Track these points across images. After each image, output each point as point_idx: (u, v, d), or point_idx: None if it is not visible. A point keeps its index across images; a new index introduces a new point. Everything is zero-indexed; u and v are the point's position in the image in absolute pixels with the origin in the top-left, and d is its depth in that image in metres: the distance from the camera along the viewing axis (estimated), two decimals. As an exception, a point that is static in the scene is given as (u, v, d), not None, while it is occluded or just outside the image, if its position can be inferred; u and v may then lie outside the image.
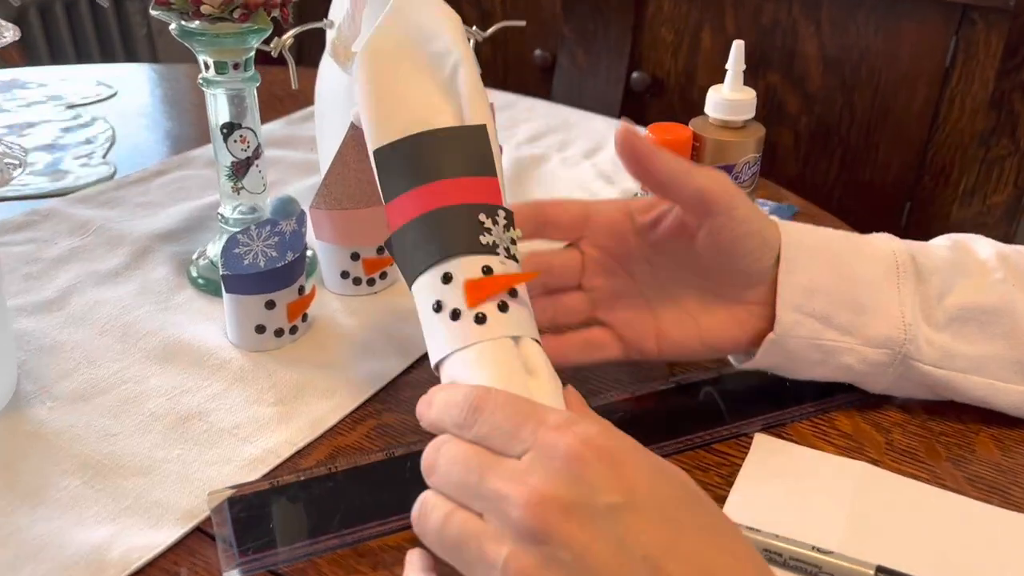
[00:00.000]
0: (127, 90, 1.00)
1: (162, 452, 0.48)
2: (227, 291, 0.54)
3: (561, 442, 0.33)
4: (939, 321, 0.48)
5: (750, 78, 1.58)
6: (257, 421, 0.50)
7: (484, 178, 0.43)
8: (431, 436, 0.48)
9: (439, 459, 0.36)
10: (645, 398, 0.52)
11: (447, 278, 0.41)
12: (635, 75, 1.65)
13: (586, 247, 0.50)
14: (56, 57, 1.78)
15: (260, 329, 0.55)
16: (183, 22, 0.54)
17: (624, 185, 0.80)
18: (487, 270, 0.41)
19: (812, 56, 1.47)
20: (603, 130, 0.93)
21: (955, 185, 1.42)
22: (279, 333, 0.56)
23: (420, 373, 0.55)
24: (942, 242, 0.52)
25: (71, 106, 0.94)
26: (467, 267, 0.41)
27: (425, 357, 0.56)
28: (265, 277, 0.53)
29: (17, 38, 0.44)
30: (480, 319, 0.40)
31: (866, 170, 1.50)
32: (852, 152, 1.50)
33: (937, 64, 1.38)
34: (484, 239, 0.41)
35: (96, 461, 0.47)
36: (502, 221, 0.42)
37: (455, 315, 0.40)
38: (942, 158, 1.42)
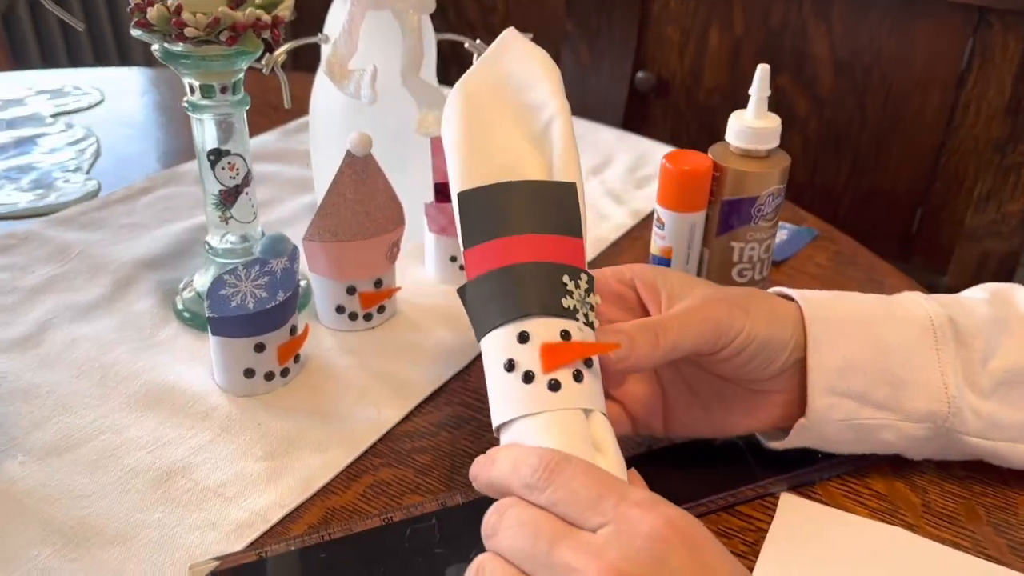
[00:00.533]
0: (115, 96, 0.96)
1: (141, 515, 0.44)
2: (213, 334, 0.50)
3: (645, 520, 0.31)
4: (984, 388, 0.44)
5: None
6: (244, 478, 0.47)
7: (570, 238, 0.41)
8: (432, 499, 0.45)
9: (503, 522, 0.33)
10: (660, 454, 0.49)
11: (523, 337, 0.38)
12: (640, 74, 1.61)
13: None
14: (47, 58, 1.73)
15: (249, 373, 0.52)
16: (166, 44, 0.50)
17: (634, 206, 0.76)
18: (565, 335, 0.39)
19: (822, 58, 1.43)
20: (611, 142, 0.89)
21: (969, 192, 1.38)
22: (269, 376, 0.52)
23: (420, 421, 0.51)
24: (979, 295, 0.48)
25: (56, 114, 0.89)
26: (545, 329, 0.39)
27: (426, 403, 0.53)
28: (254, 319, 0.50)
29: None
30: (554, 386, 0.37)
31: (877, 175, 1.46)
32: (863, 157, 1.46)
33: (952, 67, 1.34)
34: (566, 302, 0.39)
35: (69, 527, 0.43)
36: (583, 285, 0.40)
37: (528, 378, 0.38)
38: (956, 164, 1.38)
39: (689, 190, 0.55)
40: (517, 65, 0.45)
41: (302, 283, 0.62)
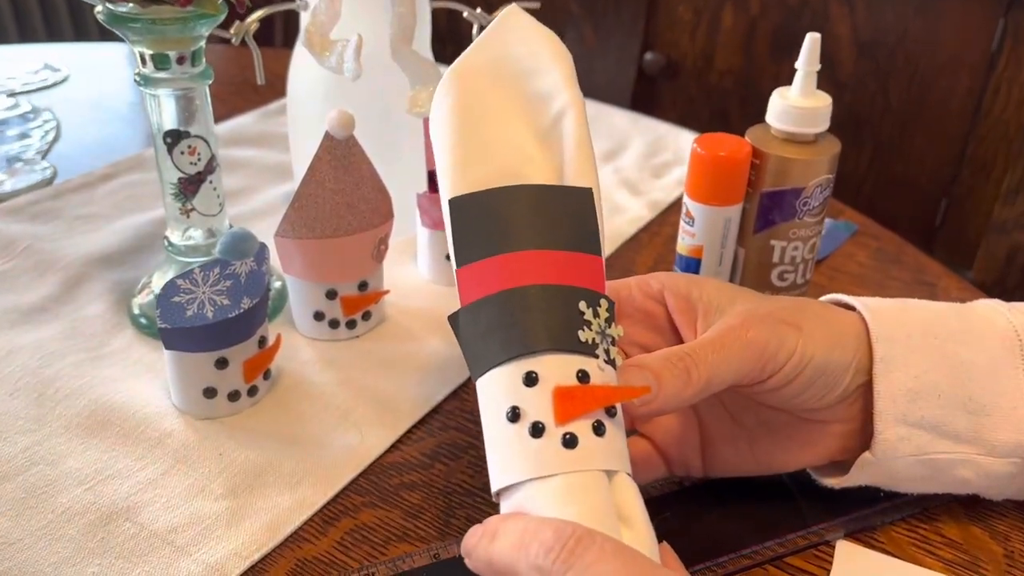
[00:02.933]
0: (80, 74, 0.88)
1: (72, 569, 0.37)
2: (167, 347, 0.43)
3: None
4: None
5: (774, 63, 1.48)
6: (201, 522, 0.39)
7: (586, 255, 0.34)
8: (423, 550, 0.38)
9: None
10: (696, 491, 0.41)
11: (531, 379, 0.31)
12: (648, 56, 1.54)
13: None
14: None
15: (210, 392, 0.44)
16: (109, 4, 0.42)
17: (652, 196, 0.69)
18: (583, 376, 0.31)
19: (844, 39, 1.36)
20: (624, 126, 0.81)
21: (997, 182, 1.32)
22: (234, 396, 0.45)
23: (409, 450, 0.44)
24: None
25: (12, 93, 0.82)
26: (559, 369, 0.31)
27: (417, 428, 0.45)
28: (214, 330, 0.42)
29: None
30: (569, 441, 0.30)
31: (900, 164, 1.39)
32: (885, 144, 1.39)
33: (982, 49, 1.27)
34: (583, 335, 0.32)
35: (-15, 584, 0.36)
36: (604, 314, 0.33)
37: (537, 431, 0.31)
38: (984, 152, 1.31)
39: (724, 180, 0.48)
40: (521, 48, 0.38)
41: (276, 284, 0.54)
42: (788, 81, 0.48)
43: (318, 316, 0.50)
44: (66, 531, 0.39)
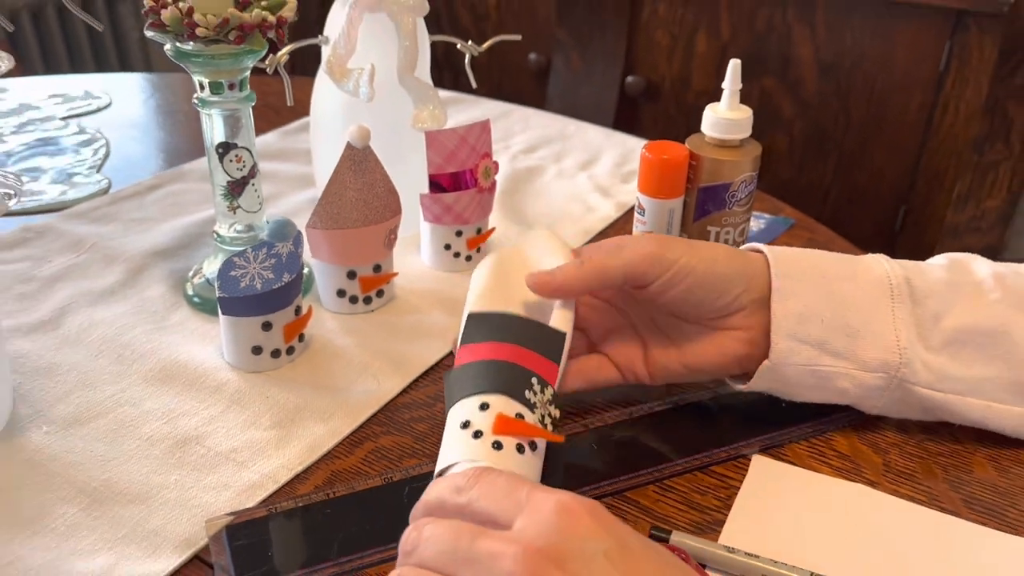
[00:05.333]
0: (120, 100, 1.00)
1: (159, 478, 0.48)
2: (223, 313, 0.54)
3: (551, 499, 0.33)
4: (935, 344, 0.48)
5: (745, 82, 1.59)
6: (254, 445, 0.50)
7: (549, 361, 0.46)
8: (428, 460, 0.49)
9: (422, 535, 0.34)
10: (641, 419, 0.52)
11: (483, 406, 0.43)
12: (630, 79, 1.65)
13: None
14: (49, 63, 1.77)
15: (257, 350, 0.55)
16: (178, 44, 0.54)
17: (620, 198, 0.80)
18: (519, 416, 0.43)
19: (807, 60, 1.47)
20: (598, 140, 0.93)
21: (949, 190, 1.42)
22: (276, 354, 0.56)
23: (417, 394, 0.55)
24: (939, 261, 0.52)
25: (65, 117, 0.93)
26: (505, 406, 0.43)
27: (422, 378, 0.56)
28: (262, 299, 0.53)
29: (12, 67, 0.43)
30: (497, 446, 0.41)
31: (861, 174, 1.50)
32: (847, 157, 1.50)
33: (931, 69, 1.38)
34: (528, 396, 0.44)
35: (93, 488, 0.47)
36: (548, 395, 0.45)
37: (477, 435, 0.42)
38: (937, 163, 1.42)
39: (668, 178, 0.59)
40: (542, 245, 0.53)
41: (304, 270, 0.65)
42: (759, 98, 0.59)
43: (340, 293, 0.61)
44: (151, 452, 0.49)
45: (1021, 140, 1.30)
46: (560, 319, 0.49)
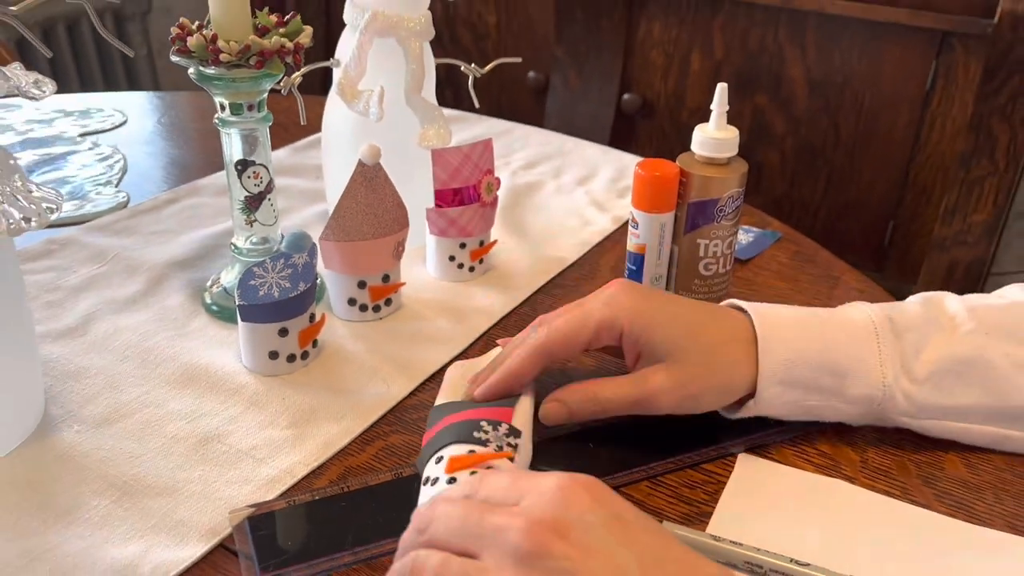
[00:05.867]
0: (134, 118, 1.04)
1: (184, 473, 0.51)
2: (243, 319, 0.57)
3: (552, 478, 0.37)
4: (919, 376, 0.52)
5: (738, 100, 1.64)
6: (272, 443, 0.53)
7: (501, 408, 0.51)
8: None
9: (435, 512, 0.38)
10: (635, 421, 0.56)
11: (439, 459, 0.47)
12: (626, 97, 1.69)
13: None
14: (59, 80, 1.80)
15: (273, 355, 0.59)
16: (201, 67, 0.58)
17: (615, 212, 0.84)
18: (471, 451, 0.47)
19: (798, 79, 1.52)
20: (595, 157, 0.97)
21: (937, 204, 1.46)
22: (291, 359, 0.59)
23: (423, 396, 0.59)
24: (914, 299, 0.56)
25: (83, 134, 0.97)
26: (456, 449, 0.47)
27: (428, 381, 0.60)
28: (279, 306, 0.57)
29: (55, 90, 0.47)
30: (451, 481, 0.45)
31: (851, 189, 1.54)
32: (837, 172, 1.54)
33: (918, 88, 1.43)
34: (477, 435, 0.48)
35: (123, 482, 0.50)
36: (503, 429, 0.49)
37: (435, 482, 0.46)
38: (924, 178, 1.46)
39: (660, 193, 0.63)
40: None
41: (316, 280, 0.69)
42: (752, 116, 0.63)
43: (351, 302, 0.65)
44: (175, 449, 0.53)
45: (1005, 156, 1.35)
46: (520, 420, 0.52)
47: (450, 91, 1.80)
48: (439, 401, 0.54)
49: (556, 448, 0.53)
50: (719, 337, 0.52)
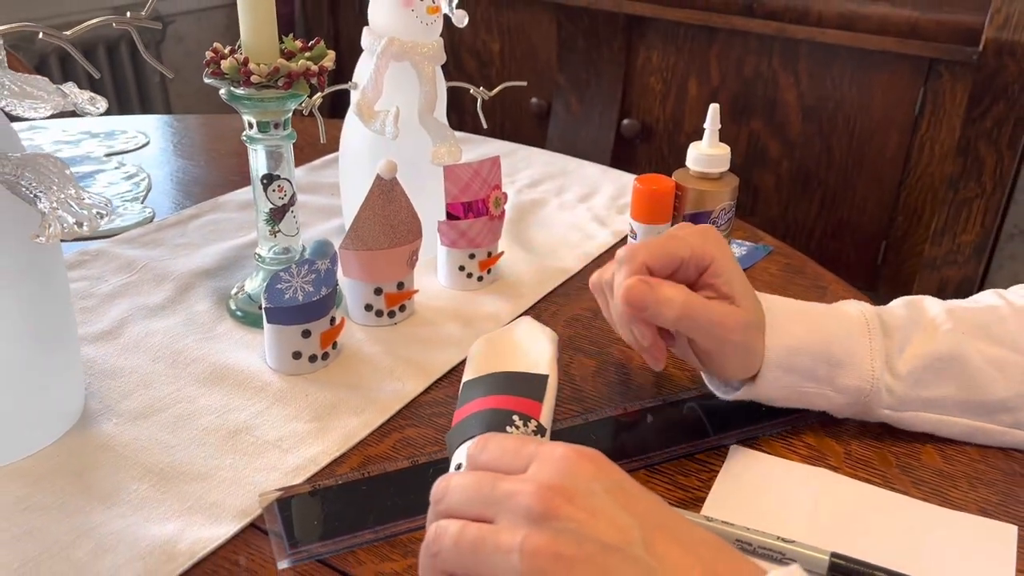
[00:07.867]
0: (156, 139, 1.09)
1: (216, 461, 0.55)
2: (269, 321, 0.62)
3: (558, 449, 0.41)
4: (901, 372, 0.56)
5: (734, 125, 1.70)
6: (297, 435, 0.58)
7: (531, 400, 0.54)
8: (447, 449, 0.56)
9: (449, 484, 0.41)
10: (635, 414, 0.60)
11: None
12: (626, 122, 1.74)
13: None
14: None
15: (297, 355, 0.63)
16: (233, 88, 0.62)
17: (615, 227, 0.88)
18: None
19: (792, 105, 1.57)
20: (596, 176, 1.02)
21: (927, 225, 1.51)
22: (313, 359, 0.63)
23: (436, 393, 0.63)
24: (898, 303, 0.60)
25: (109, 154, 1.02)
26: None
27: (440, 380, 0.64)
28: (303, 309, 0.61)
29: (105, 108, 0.52)
30: None
31: (844, 211, 1.59)
32: (831, 194, 1.59)
33: (907, 113, 1.48)
34: (510, 430, 0.52)
35: (160, 469, 0.54)
36: (532, 426, 0.52)
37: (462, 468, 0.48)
38: (915, 200, 1.51)
39: (656, 206, 0.67)
40: (525, 329, 0.62)
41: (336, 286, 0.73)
42: (747, 140, 0.68)
43: (368, 307, 0.69)
44: (207, 439, 0.57)
45: (992, 178, 1.40)
46: (543, 365, 0.57)
47: (455, 115, 1.86)
48: (467, 377, 0.57)
49: (562, 439, 0.57)
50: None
